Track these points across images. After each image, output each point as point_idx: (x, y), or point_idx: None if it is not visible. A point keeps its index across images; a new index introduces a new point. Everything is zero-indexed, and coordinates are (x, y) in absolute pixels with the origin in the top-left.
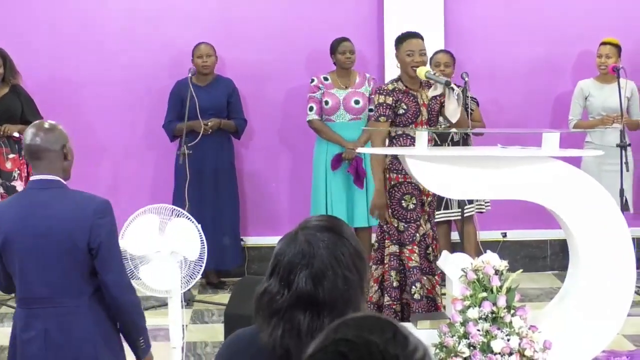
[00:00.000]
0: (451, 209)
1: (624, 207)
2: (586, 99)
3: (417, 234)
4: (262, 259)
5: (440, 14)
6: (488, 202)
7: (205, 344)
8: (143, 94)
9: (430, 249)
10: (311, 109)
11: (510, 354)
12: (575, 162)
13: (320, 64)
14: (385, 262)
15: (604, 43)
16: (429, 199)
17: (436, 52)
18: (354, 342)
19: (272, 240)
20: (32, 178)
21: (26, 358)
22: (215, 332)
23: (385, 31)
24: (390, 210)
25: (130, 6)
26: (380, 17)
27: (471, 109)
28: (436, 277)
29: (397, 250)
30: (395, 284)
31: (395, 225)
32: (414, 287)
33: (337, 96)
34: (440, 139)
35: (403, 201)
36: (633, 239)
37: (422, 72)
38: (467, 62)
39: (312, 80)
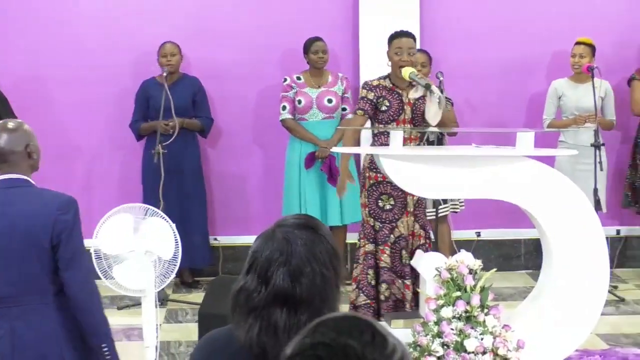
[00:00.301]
0: (425, 208)
1: (597, 206)
2: (560, 98)
3: (392, 235)
4: (237, 259)
5: (416, 13)
6: (462, 201)
7: (179, 343)
8: (115, 93)
9: (404, 252)
10: (284, 108)
11: (484, 353)
12: (549, 161)
13: (295, 64)
14: (360, 261)
15: (578, 43)
16: (415, 198)
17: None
18: (332, 347)
19: (246, 239)
20: None
21: None
22: (189, 332)
23: (360, 30)
24: (367, 209)
25: (103, 6)
26: (356, 17)
27: (446, 109)
28: (407, 281)
29: (373, 249)
30: (373, 282)
31: (372, 224)
32: (380, 287)
33: (309, 95)
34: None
35: (380, 201)
36: (606, 238)
37: (406, 72)
38: (442, 61)
39: (285, 80)
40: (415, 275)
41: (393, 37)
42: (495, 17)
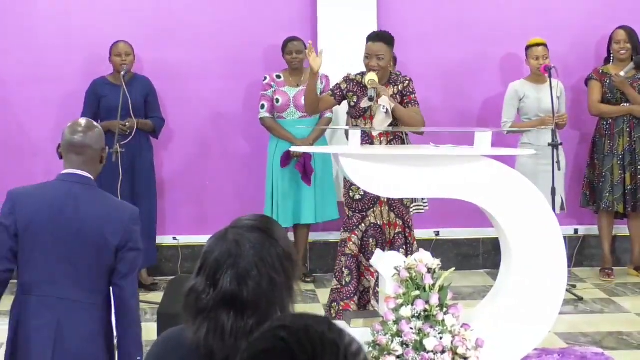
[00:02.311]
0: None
1: (560, 207)
2: (521, 100)
3: (363, 224)
4: (196, 258)
5: (374, 14)
6: (426, 202)
7: None
8: (67, 91)
9: (371, 240)
10: (263, 106)
11: (443, 352)
12: (511, 162)
13: (249, 62)
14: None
15: (537, 44)
16: None
17: None
18: (292, 327)
19: (205, 239)
20: (64, 171)
21: (32, 345)
22: (148, 331)
23: (318, 31)
24: (345, 199)
25: (60, 4)
26: (314, 17)
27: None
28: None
29: (346, 237)
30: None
31: (347, 213)
32: (344, 272)
33: (287, 94)
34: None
35: (351, 191)
36: (565, 237)
37: (367, 77)
38: (400, 60)
39: (265, 78)
40: None
41: (367, 40)
42: (450, 17)
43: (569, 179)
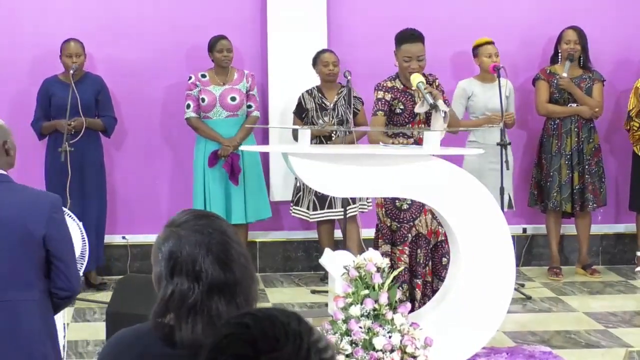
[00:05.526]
0: (334, 208)
1: (508, 205)
2: (469, 98)
3: (409, 235)
4: (145, 257)
5: (323, 12)
6: (370, 201)
7: (87, 342)
8: (13, 91)
9: (419, 251)
10: (188, 106)
11: (392, 350)
12: (458, 161)
13: (201, 61)
14: None
15: (487, 43)
16: None
17: (322, 51)
18: (258, 315)
19: (155, 238)
20: None
21: None
22: (96, 331)
23: (268, 29)
24: (384, 210)
25: (8, 1)
26: (264, 16)
27: (357, 109)
28: (418, 280)
29: (389, 250)
30: None
31: (388, 224)
32: (400, 288)
33: (213, 93)
34: (325, 137)
35: (397, 201)
36: (513, 236)
37: (414, 80)
38: (349, 60)
39: (190, 78)
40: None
41: (402, 41)
42: (399, 17)
43: (516, 178)
